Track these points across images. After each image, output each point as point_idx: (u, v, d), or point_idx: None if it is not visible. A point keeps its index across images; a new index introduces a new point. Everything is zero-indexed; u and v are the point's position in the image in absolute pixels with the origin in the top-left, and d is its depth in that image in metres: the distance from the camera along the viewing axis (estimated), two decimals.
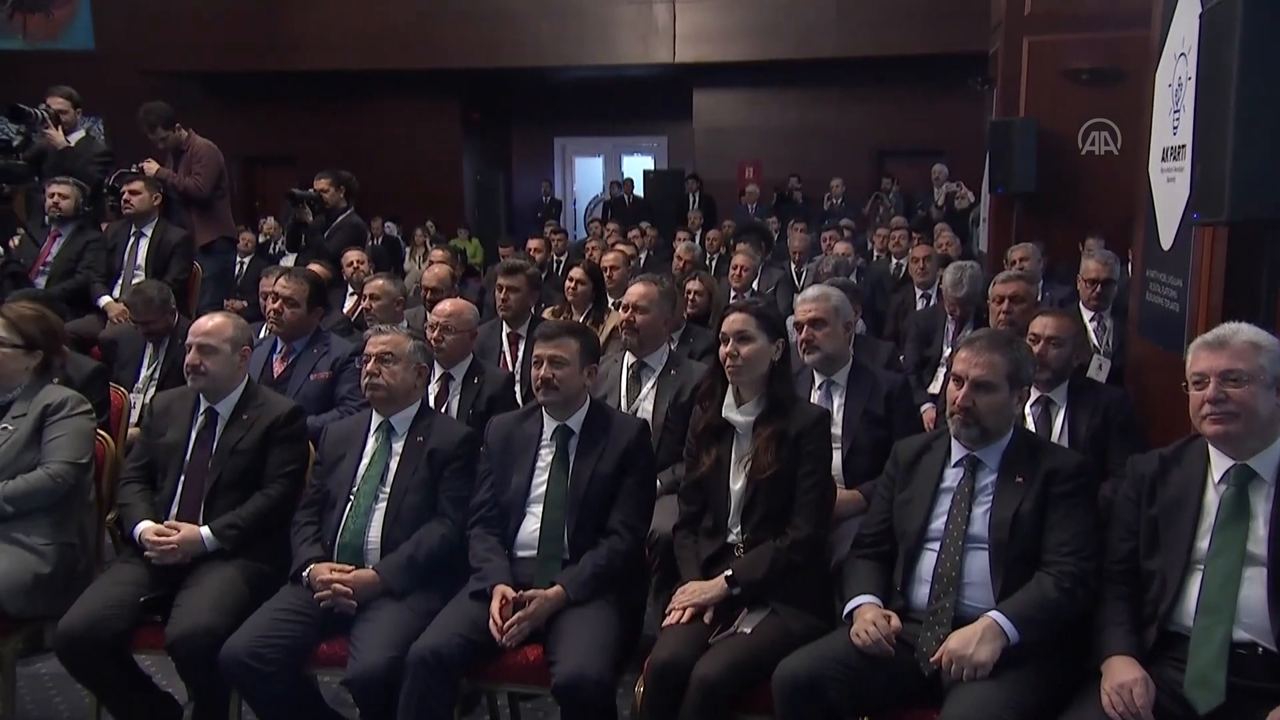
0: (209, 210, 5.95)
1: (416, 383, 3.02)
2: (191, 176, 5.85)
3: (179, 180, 5.83)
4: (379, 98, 12.77)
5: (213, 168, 5.91)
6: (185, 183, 5.83)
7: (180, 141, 5.89)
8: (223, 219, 6.14)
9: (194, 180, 5.84)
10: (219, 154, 5.99)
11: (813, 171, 12.00)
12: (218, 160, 5.97)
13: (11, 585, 2.83)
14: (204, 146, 5.93)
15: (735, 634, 2.48)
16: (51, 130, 5.48)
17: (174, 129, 5.86)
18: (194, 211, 5.93)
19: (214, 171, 5.92)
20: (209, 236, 5.96)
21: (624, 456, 2.81)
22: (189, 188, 5.84)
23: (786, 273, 7.17)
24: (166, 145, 5.89)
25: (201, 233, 5.91)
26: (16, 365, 3.08)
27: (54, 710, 3.25)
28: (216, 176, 5.94)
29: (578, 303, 4.89)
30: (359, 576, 2.74)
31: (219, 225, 6.07)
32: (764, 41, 11.59)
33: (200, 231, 5.91)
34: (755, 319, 2.70)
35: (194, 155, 5.89)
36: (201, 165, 5.86)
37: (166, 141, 5.87)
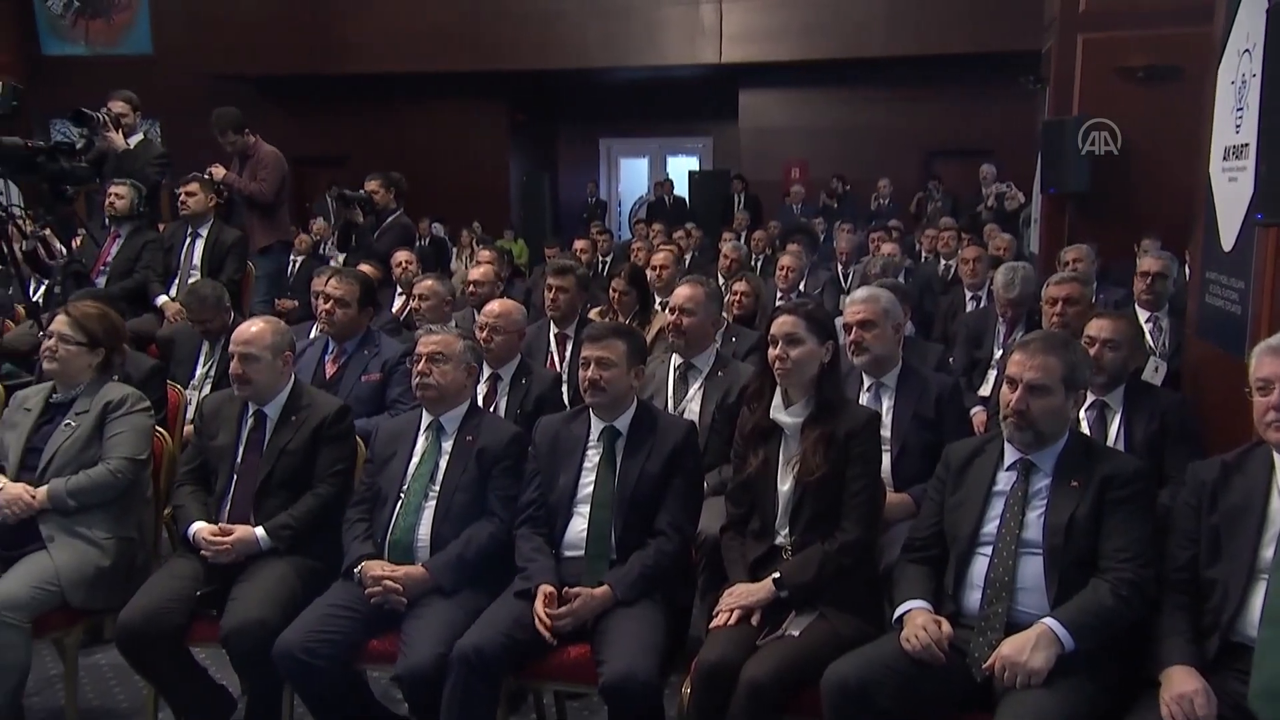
0: (270, 214, 6.09)
1: (466, 382, 3.04)
2: (257, 182, 6.00)
3: (244, 185, 5.98)
4: (427, 100, 12.88)
5: (277, 174, 6.05)
6: (250, 187, 5.98)
7: (247, 146, 6.04)
8: (282, 223, 6.28)
9: (258, 185, 5.99)
10: (283, 161, 6.14)
11: (859, 172, 11.90)
12: (282, 167, 6.11)
13: (74, 578, 2.90)
14: (270, 153, 6.09)
15: (783, 637, 2.46)
16: (112, 133, 5.62)
17: (243, 134, 6.01)
18: (255, 215, 6.06)
19: (278, 178, 6.06)
20: (267, 240, 6.09)
21: (671, 457, 2.81)
22: (254, 192, 5.98)
23: (833, 274, 7.13)
24: (234, 149, 6.04)
25: (261, 236, 6.04)
26: (80, 363, 3.15)
27: (113, 700, 3.32)
28: (280, 182, 6.07)
29: (622, 310, 4.89)
30: (409, 574, 2.77)
31: (278, 229, 6.21)
32: (811, 41, 11.52)
33: (260, 234, 6.04)
34: (805, 321, 2.68)
35: (259, 161, 6.04)
36: (267, 171, 6.01)
37: (235, 146, 6.02)
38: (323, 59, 12.26)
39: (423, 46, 12.04)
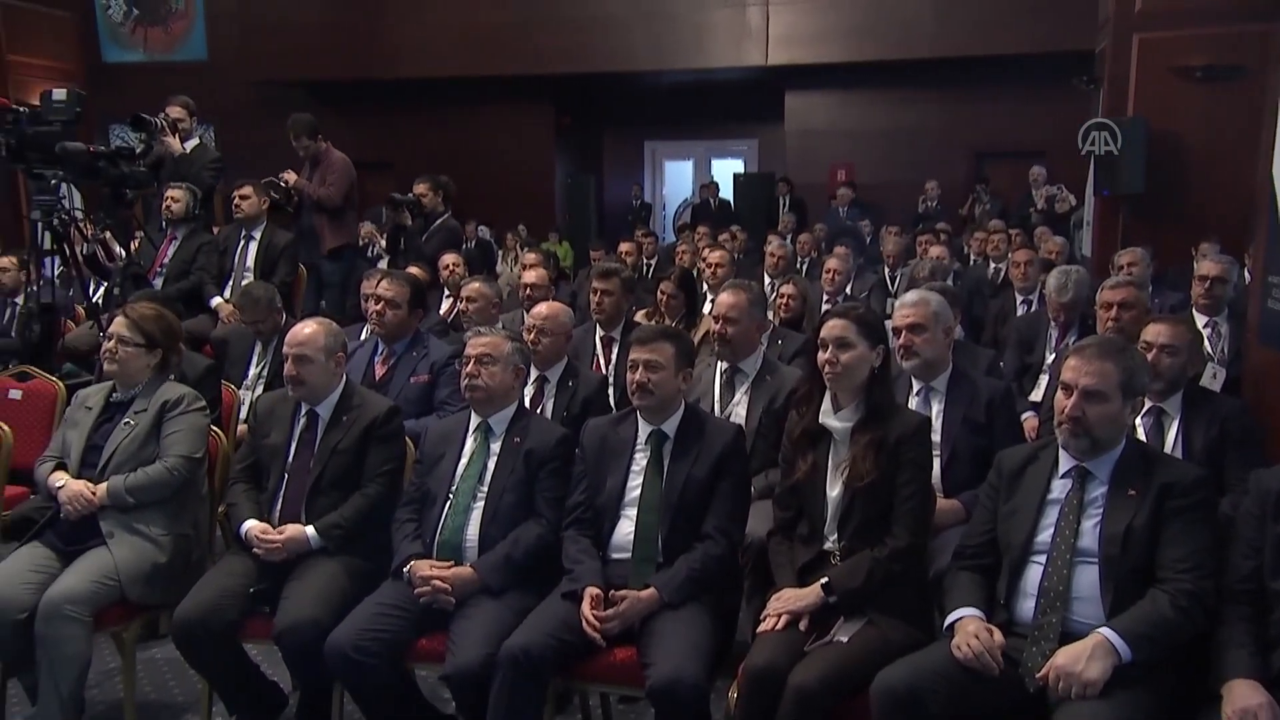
0: (338, 218, 6.23)
1: (514, 384, 3.06)
2: (325, 186, 6.13)
3: (313, 190, 6.13)
4: (474, 103, 12.98)
5: (345, 179, 6.19)
6: (319, 192, 6.12)
7: (319, 152, 6.19)
8: (349, 227, 6.45)
9: (327, 190, 6.13)
10: (351, 167, 6.27)
11: (906, 174, 11.79)
12: (350, 172, 6.24)
13: (133, 573, 2.96)
14: (339, 159, 6.23)
15: (832, 642, 2.44)
16: (169, 138, 5.75)
17: (315, 139, 6.17)
18: (323, 218, 6.19)
19: (346, 183, 6.20)
20: (335, 243, 6.24)
21: (718, 461, 2.80)
22: (322, 197, 6.12)
23: (880, 276, 7.07)
24: (306, 154, 6.19)
25: (330, 239, 6.20)
26: (138, 364, 3.22)
27: (169, 694, 3.38)
28: (347, 188, 6.21)
29: (670, 314, 4.89)
30: (458, 574, 2.79)
31: (345, 233, 6.36)
32: (859, 43, 11.42)
33: (329, 238, 6.20)
34: (856, 325, 2.66)
35: (329, 166, 6.18)
36: (335, 176, 6.15)
37: (307, 150, 6.18)
38: (372, 64, 12.41)
39: (470, 51, 12.14)
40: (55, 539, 3.05)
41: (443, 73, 12.33)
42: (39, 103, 4.68)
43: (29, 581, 2.89)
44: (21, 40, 12.48)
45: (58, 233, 4.75)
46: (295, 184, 6.08)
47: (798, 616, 2.52)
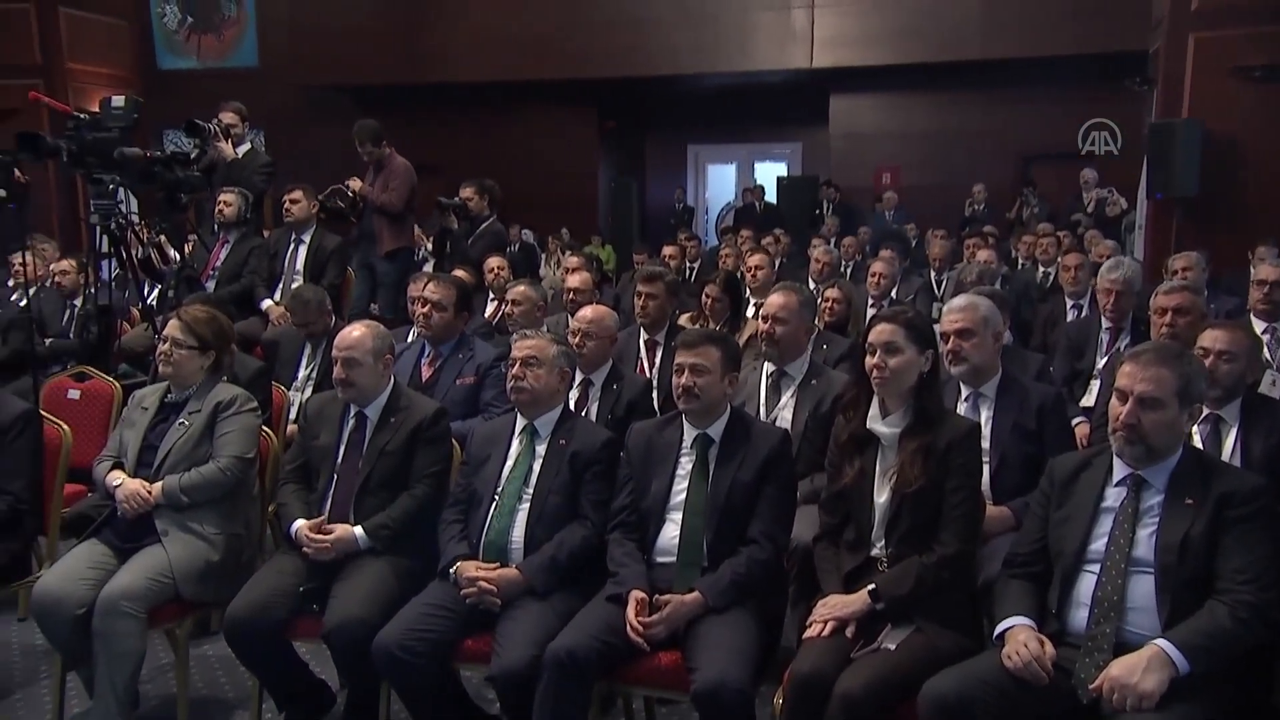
0: (398, 222, 6.37)
1: (560, 386, 3.07)
2: (388, 192, 6.24)
3: (376, 195, 6.25)
4: (518, 108, 13.07)
5: (406, 186, 6.33)
6: (381, 198, 6.25)
7: (383, 158, 6.30)
8: (408, 231, 6.58)
9: (389, 196, 6.25)
10: (413, 173, 6.41)
11: (953, 176, 11.67)
12: (411, 179, 6.38)
13: (187, 571, 3.01)
14: (401, 165, 6.35)
15: (879, 650, 2.42)
16: (222, 143, 5.86)
17: (380, 146, 6.29)
18: (383, 221, 6.32)
19: (407, 189, 6.34)
20: (393, 245, 6.37)
21: (764, 465, 2.79)
22: (384, 203, 6.25)
23: (926, 280, 7.00)
24: (370, 160, 6.31)
25: (388, 241, 6.34)
26: (192, 366, 3.28)
27: (220, 690, 3.44)
28: (409, 194, 6.35)
29: (714, 317, 4.88)
30: (504, 575, 2.81)
31: (404, 236, 6.49)
32: (905, 45, 11.33)
33: (387, 239, 6.34)
34: (904, 329, 2.63)
35: (392, 172, 6.30)
36: (397, 182, 6.28)
37: (371, 156, 6.30)
38: (417, 69, 12.55)
39: (515, 55, 12.22)
40: (112, 536, 3.12)
41: (487, 77, 12.43)
42: (98, 109, 4.79)
43: (87, 578, 2.96)
44: (81, 48, 12.80)
45: (115, 236, 4.86)
46: (359, 190, 6.22)
47: (844, 623, 2.50)
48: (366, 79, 12.68)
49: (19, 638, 3.80)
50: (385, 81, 12.64)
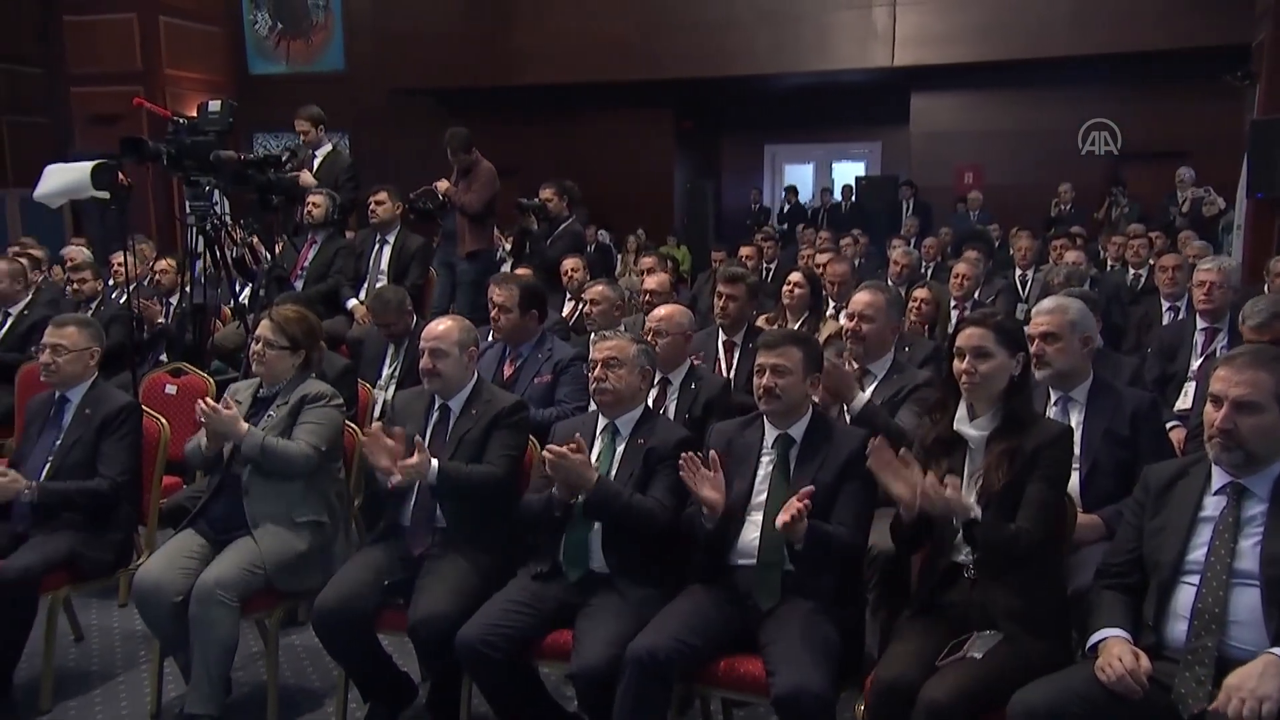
0: (479, 224, 6.49)
1: (641, 385, 3.07)
2: (470, 193, 6.37)
3: (458, 197, 6.39)
4: (596, 109, 13.15)
5: (488, 189, 6.45)
6: (463, 199, 6.39)
7: (471, 164, 6.44)
8: (488, 233, 6.69)
9: (470, 198, 6.38)
10: (496, 177, 6.53)
11: (1038, 176, 11.38)
12: (494, 182, 6.50)
13: (277, 562, 3.10)
14: (486, 170, 6.48)
15: (965, 658, 2.37)
16: (306, 174, 6.00)
17: (469, 152, 6.43)
18: (466, 222, 6.44)
19: (488, 193, 6.45)
20: (474, 246, 6.48)
21: (845, 466, 2.76)
22: (464, 204, 6.39)
23: (1010, 281, 6.85)
24: (460, 165, 6.46)
25: (470, 241, 6.45)
26: (283, 364, 3.36)
27: (307, 679, 3.53)
28: (489, 197, 6.47)
29: (794, 308, 4.84)
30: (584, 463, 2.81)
31: (485, 238, 6.60)
32: (991, 42, 11.09)
33: (469, 240, 6.45)
34: (995, 333, 2.57)
35: (476, 175, 6.43)
36: (480, 185, 6.41)
37: (461, 162, 6.44)
38: (498, 72, 12.72)
39: (594, 57, 12.30)
40: (207, 527, 3.22)
41: (566, 79, 12.54)
42: (195, 114, 4.96)
43: (184, 567, 3.07)
44: (178, 55, 13.31)
45: (209, 236, 5.03)
46: (445, 191, 6.37)
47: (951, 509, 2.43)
48: (449, 82, 12.90)
49: (120, 623, 3.96)
50: (467, 84, 12.83)
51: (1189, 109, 10.59)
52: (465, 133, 6.48)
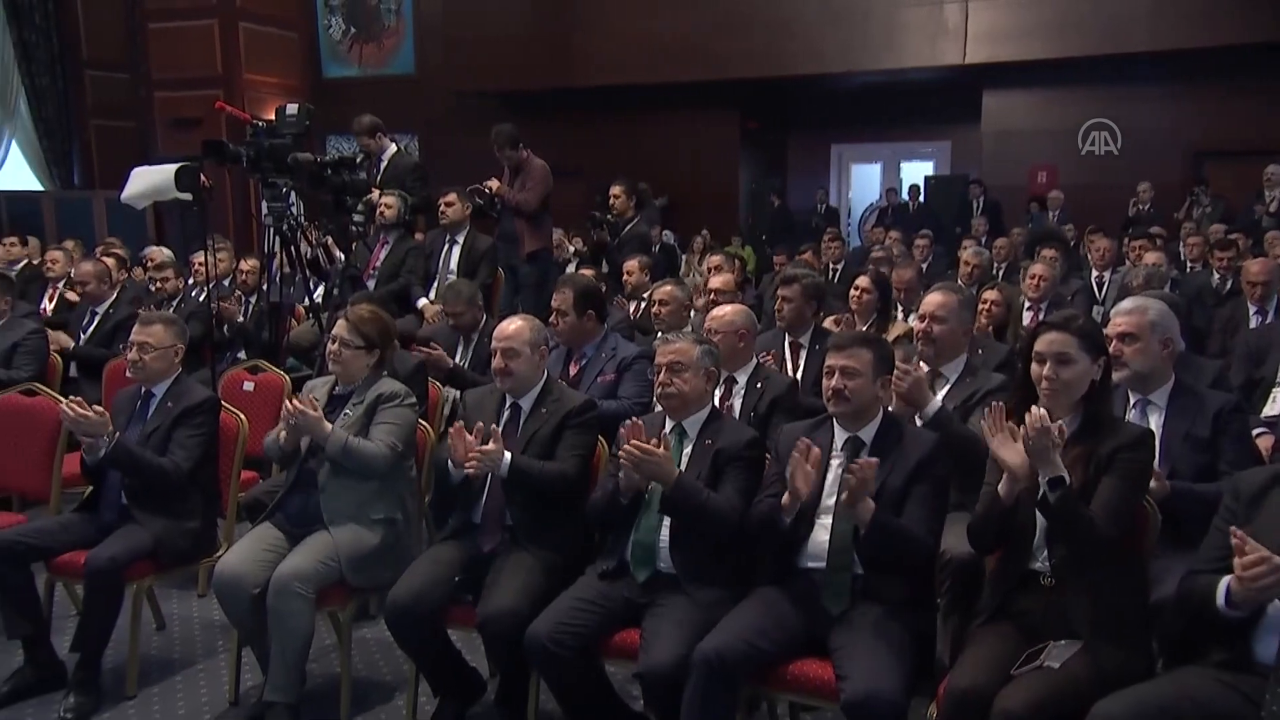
0: (535, 223, 6.45)
1: (706, 387, 3.06)
2: (524, 191, 6.35)
3: (512, 196, 6.36)
4: (660, 110, 13.15)
5: (542, 186, 6.40)
6: (517, 198, 6.35)
7: (521, 161, 6.41)
8: (546, 231, 6.66)
9: (524, 196, 6.35)
10: (549, 174, 6.47)
11: (1115, 175, 11.09)
12: (547, 179, 6.44)
13: (351, 556, 3.16)
14: (539, 167, 6.44)
15: (1041, 667, 2.32)
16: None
17: (517, 149, 6.40)
18: (523, 223, 6.43)
19: (542, 189, 6.41)
20: (533, 246, 6.46)
21: (916, 469, 2.72)
22: (519, 202, 6.35)
23: (1086, 283, 6.68)
24: (509, 163, 6.44)
25: (529, 242, 6.42)
26: (358, 364, 3.43)
27: (378, 672, 3.59)
28: (544, 194, 6.42)
29: (862, 312, 4.79)
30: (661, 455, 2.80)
31: (543, 237, 6.58)
32: (1065, 38, 10.83)
33: (528, 241, 6.42)
34: (1077, 338, 2.52)
35: (528, 173, 6.40)
36: (533, 182, 6.37)
37: (509, 160, 6.42)
38: (564, 73, 12.80)
39: (659, 58, 12.31)
40: (284, 521, 3.30)
41: (632, 80, 12.57)
42: (273, 117, 5.09)
43: (262, 559, 3.14)
44: (256, 60, 13.69)
45: (285, 237, 5.15)
46: (497, 190, 6.32)
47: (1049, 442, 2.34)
48: (515, 84, 13.02)
49: (199, 613, 4.07)
50: (533, 86, 12.94)
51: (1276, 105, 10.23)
52: (511, 129, 6.43)
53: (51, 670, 3.41)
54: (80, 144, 13.74)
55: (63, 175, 13.53)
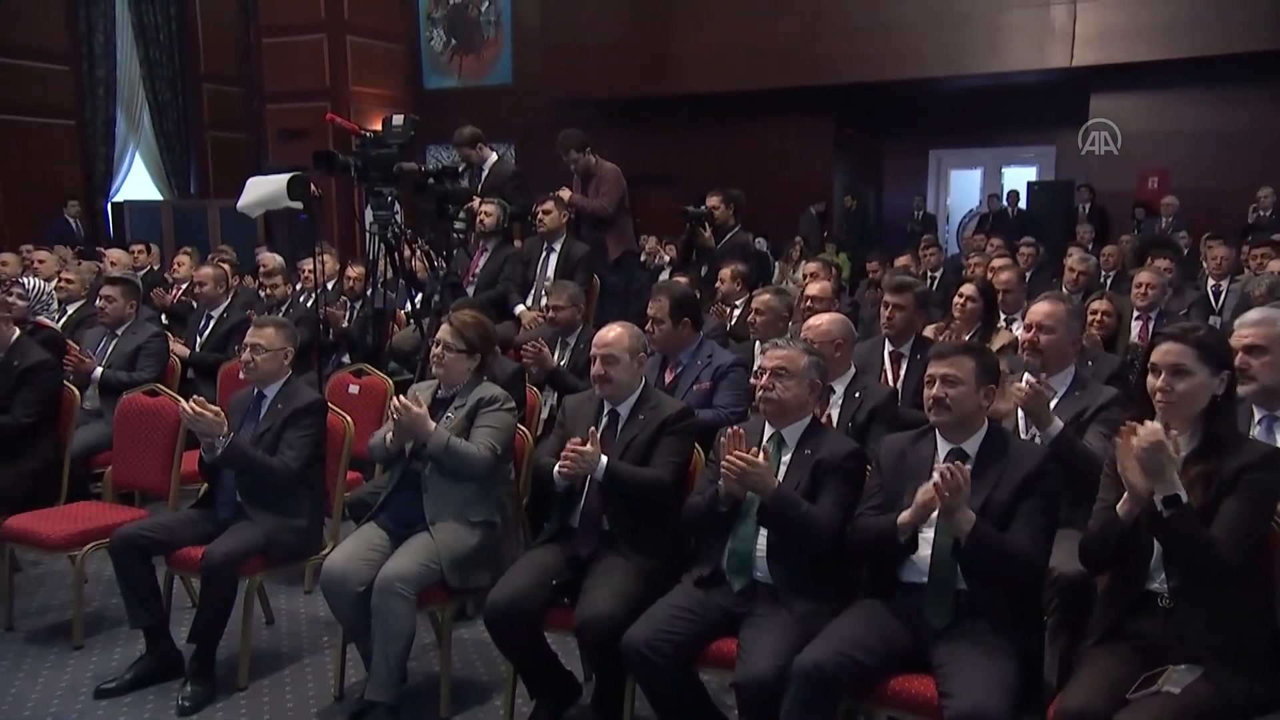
0: (614, 227, 6.42)
1: (809, 398, 3.02)
2: (598, 198, 6.35)
3: (587, 203, 6.36)
4: (754, 116, 13.11)
5: (616, 190, 6.37)
6: (592, 205, 6.35)
7: (590, 166, 6.40)
8: (626, 235, 6.60)
9: (599, 202, 6.35)
10: (621, 177, 6.44)
11: (1234, 180, 10.60)
12: (620, 182, 6.42)
13: (452, 558, 3.22)
14: (609, 170, 6.42)
15: (1160, 692, 2.23)
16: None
17: (584, 153, 6.38)
18: (605, 230, 6.42)
19: (617, 193, 6.37)
20: (617, 251, 6.44)
21: (1024, 484, 2.64)
22: (595, 209, 6.35)
23: (1202, 293, 6.40)
24: (577, 168, 6.43)
25: (613, 248, 6.40)
26: (460, 368, 3.50)
27: (475, 672, 3.65)
28: (619, 197, 6.38)
29: (965, 320, 4.67)
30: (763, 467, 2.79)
31: (623, 241, 6.54)
32: (1181, 38, 10.41)
33: (612, 247, 6.40)
34: (1195, 350, 2.41)
35: (601, 178, 6.39)
36: (607, 187, 6.35)
37: (577, 164, 6.40)
38: (660, 81, 12.86)
39: (756, 64, 12.27)
40: (388, 521, 3.38)
41: (726, 87, 12.56)
42: (380, 128, 5.24)
43: (367, 559, 3.23)
44: (362, 72, 14.17)
45: (389, 244, 5.29)
46: (571, 200, 6.29)
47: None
48: (610, 92, 13.14)
49: (306, 609, 4.20)
50: (629, 94, 13.04)
51: None
52: (578, 133, 6.37)
53: (170, 660, 3.56)
54: (197, 155, 14.43)
55: (180, 185, 14.21)
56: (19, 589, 4.27)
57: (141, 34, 13.62)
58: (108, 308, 5.18)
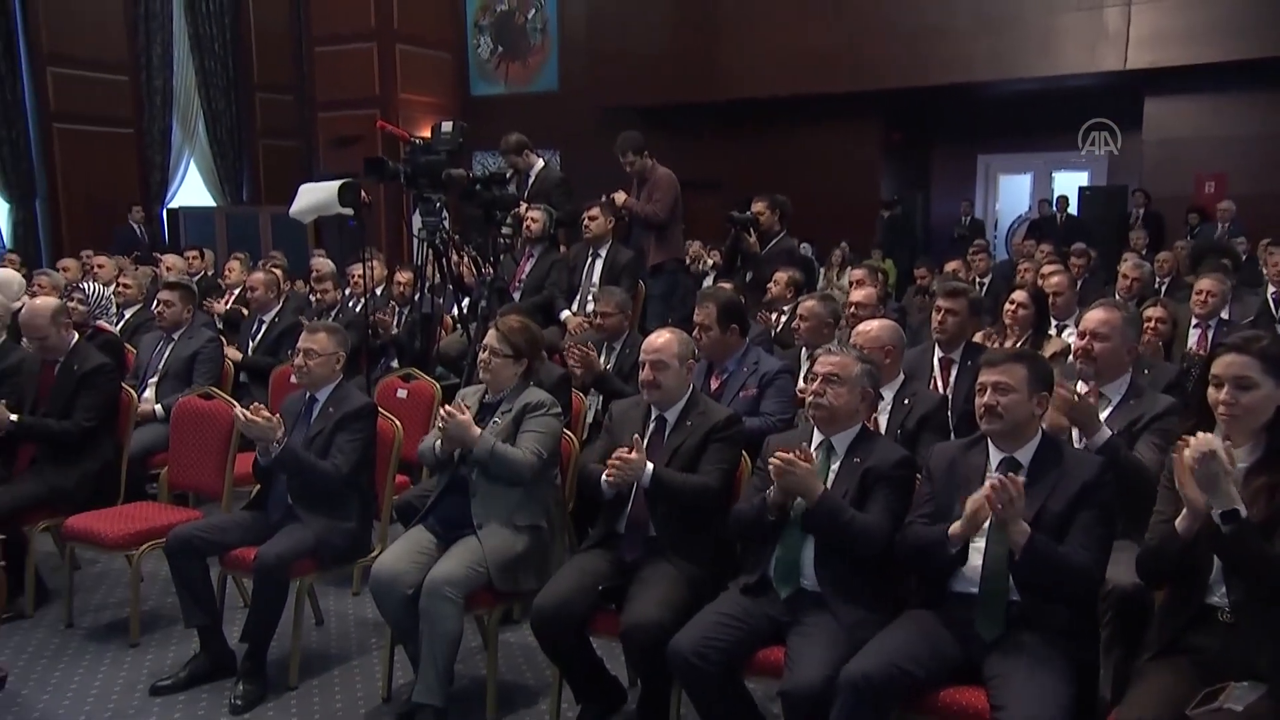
0: (664, 234, 6.41)
1: (860, 406, 2.99)
2: (651, 203, 6.35)
3: (640, 208, 6.36)
4: (801, 122, 13.03)
5: (670, 196, 6.35)
6: (645, 209, 6.34)
7: (645, 169, 6.39)
8: (675, 242, 6.60)
9: (653, 207, 6.34)
10: (676, 183, 6.42)
11: None
12: (675, 189, 6.40)
13: (499, 562, 3.25)
14: (664, 176, 6.41)
15: (1222, 709, 2.17)
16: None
17: (642, 156, 6.37)
18: (650, 235, 6.41)
19: (671, 199, 6.36)
20: (661, 258, 6.42)
21: (1081, 494, 2.60)
22: (649, 214, 6.34)
23: (1263, 300, 6.25)
24: (633, 170, 6.42)
25: (655, 254, 6.39)
26: (507, 372, 3.53)
27: (521, 675, 3.66)
28: (672, 204, 6.37)
29: (1018, 326, 4.62)
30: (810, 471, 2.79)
31: (671, 248, 6.53)
32: (1238, 40, 10.18)
33: (654, 253, 6.39)
34: (1260, 362, 2.35)
35: (655, 183, 6.38)
36: (660, 193, 6.34)
37: (634, 167, 6.39)
38: (706, 87, 12.84)
39: (802, 69, 12.21)
40: (436, 524, 3.41)
41: (772, 93, 12.50)
42: (429, 134, 5.30)
43: (415, 562, 3.26)
44: (410, 80, 14.37)
45: (437, 250, 5.34)
46: (624, 203, 6.30)
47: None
48: (656, 99, 13.15)
49: (354, 611, 4.25)
50: (675, 101, 13.04)
51: None
52: (637, 135, 6.36)
53: (223, 659, 3.62)
54: (249, 162, 14.71)
55: (233, 191, 14.49)
56: (79, 587, 4.38)
57: (197, 44, 13.92)
58: (165, 312, 5.29)
